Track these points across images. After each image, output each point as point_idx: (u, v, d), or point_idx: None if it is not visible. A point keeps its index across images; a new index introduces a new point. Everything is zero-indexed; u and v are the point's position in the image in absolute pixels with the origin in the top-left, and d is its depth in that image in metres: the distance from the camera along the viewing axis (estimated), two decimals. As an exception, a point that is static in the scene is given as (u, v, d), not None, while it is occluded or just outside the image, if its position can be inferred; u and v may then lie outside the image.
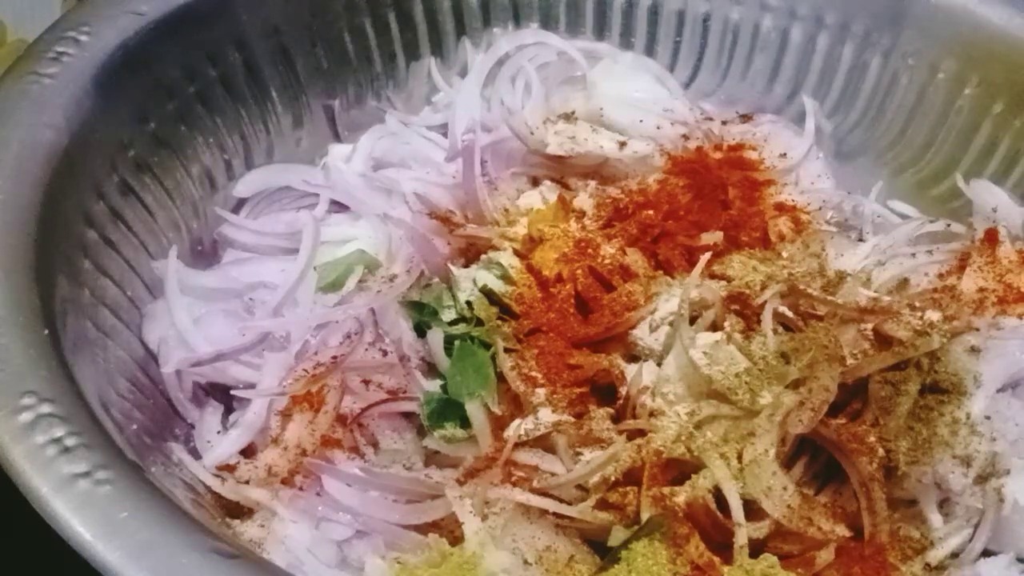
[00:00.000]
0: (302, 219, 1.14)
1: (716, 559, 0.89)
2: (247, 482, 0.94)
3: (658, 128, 1.28)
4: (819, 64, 1.35)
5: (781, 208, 1.23)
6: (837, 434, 0.96)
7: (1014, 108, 1.22)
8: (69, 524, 0.71)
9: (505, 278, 1.08)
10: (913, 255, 1.16)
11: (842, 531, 0.93)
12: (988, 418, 0.98)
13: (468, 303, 1.06)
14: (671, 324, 1.02)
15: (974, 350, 1.02)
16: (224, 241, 1.15)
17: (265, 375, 0.99)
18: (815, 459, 0.98)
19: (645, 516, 0.90)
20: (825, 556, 0.92)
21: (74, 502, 0.71)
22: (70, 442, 0.75)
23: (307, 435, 0.95)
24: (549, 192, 1.19)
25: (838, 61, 1.33)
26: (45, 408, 0.76)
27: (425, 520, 0.91)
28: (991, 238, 1.17)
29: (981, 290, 1.08)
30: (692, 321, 1.03)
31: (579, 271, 1.07)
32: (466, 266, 1.12)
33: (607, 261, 1.09)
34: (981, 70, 1.24)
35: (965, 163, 1.26)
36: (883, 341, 1.03)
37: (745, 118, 1.35)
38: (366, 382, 0.99)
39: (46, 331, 0.82)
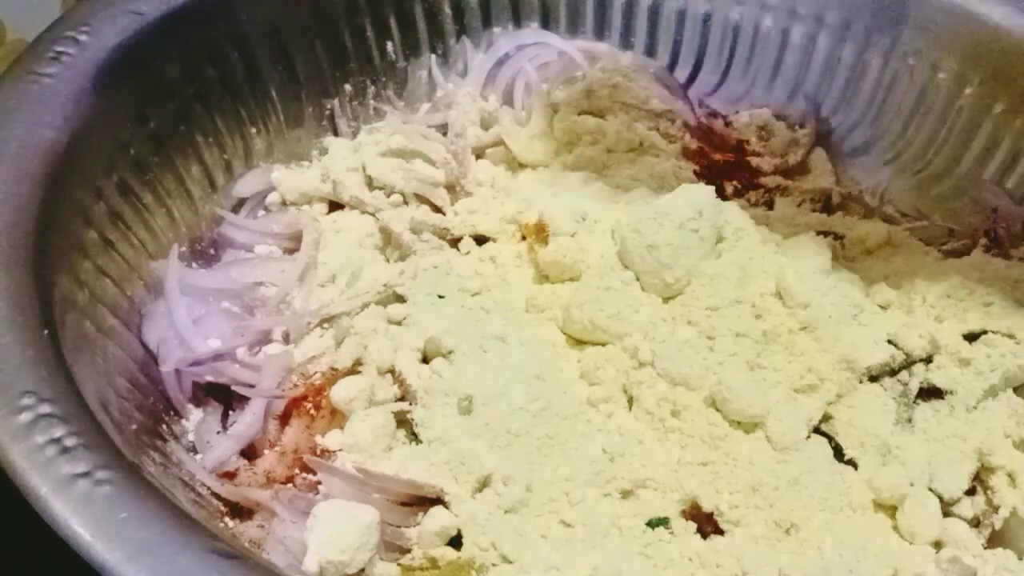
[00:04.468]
0: (302, 219, 1.15)
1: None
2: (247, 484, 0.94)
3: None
4: (820, 64, 1.34)
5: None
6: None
7: (1015, 108, 1.22)
8: (68, 524, 0.71)
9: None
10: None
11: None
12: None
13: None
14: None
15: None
16: (224, 241, 1.15)
17: (264, 376, 0.99)
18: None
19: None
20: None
21: (74, 502, 0.71)
22: (69, 442, 0.75)
23: (305, 439, 0.95)
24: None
25: (838, 61, 1.33)
26: (44, 408, 0.76)
27: (424, 522, 0.91)
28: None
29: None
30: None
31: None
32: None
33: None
34: (982, 70, 1.24)
35: (965, 163, 1.26)
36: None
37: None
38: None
39: (45, 331, 0.82)
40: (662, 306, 1.01)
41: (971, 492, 0.97)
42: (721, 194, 1.19)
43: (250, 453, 0.98)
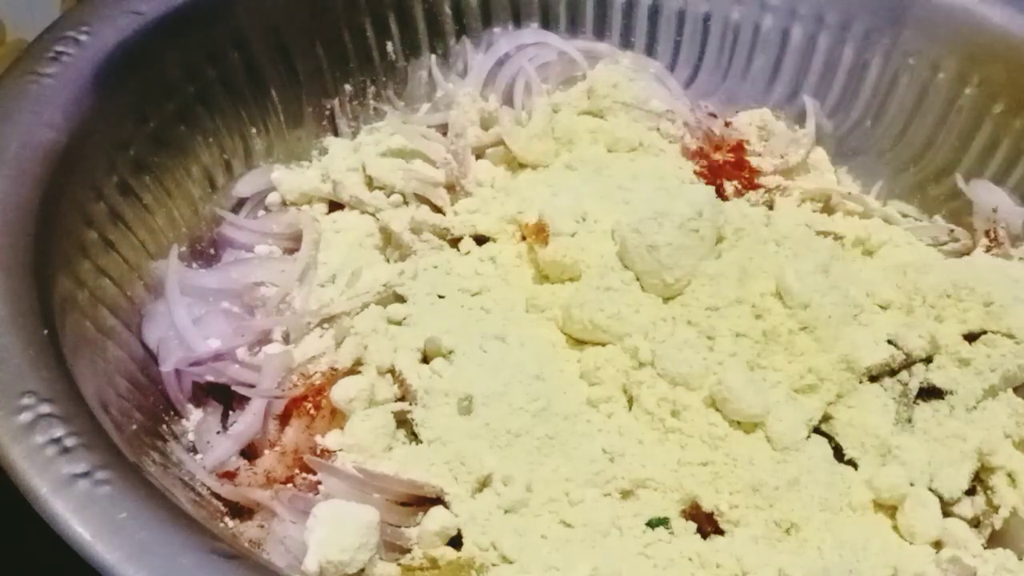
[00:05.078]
0: (302, 218, 1.15)
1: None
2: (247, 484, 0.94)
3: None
4: (820, 64, 1.34)
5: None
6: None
7: (1015, 108, 1.22)
8: (68, 524, 0.71)
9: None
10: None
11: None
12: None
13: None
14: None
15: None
16: (224, 241, 1.15)
17: (264, 376, 0.99)
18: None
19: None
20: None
21: (74, 502, 0.71)
22: (69, 442, 0.75)
23: (305, 439, 0.95)
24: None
25: (839, 61, 1.33)
26: (44, 408, 0.76)
27: (424, 522, 0.91)
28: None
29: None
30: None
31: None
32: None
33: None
34: (982, 70, 1.24)
35: (965, 163, 1.26)
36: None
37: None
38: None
39: (45, 331, 0.82)
40: (662, 306, 1.01)
41: (971, 492, 0.96)
42: (721, 194, 1.20)
43: (250, 453, 0.98)
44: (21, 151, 0.93)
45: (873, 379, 1.00)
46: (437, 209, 1.16)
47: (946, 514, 0.94)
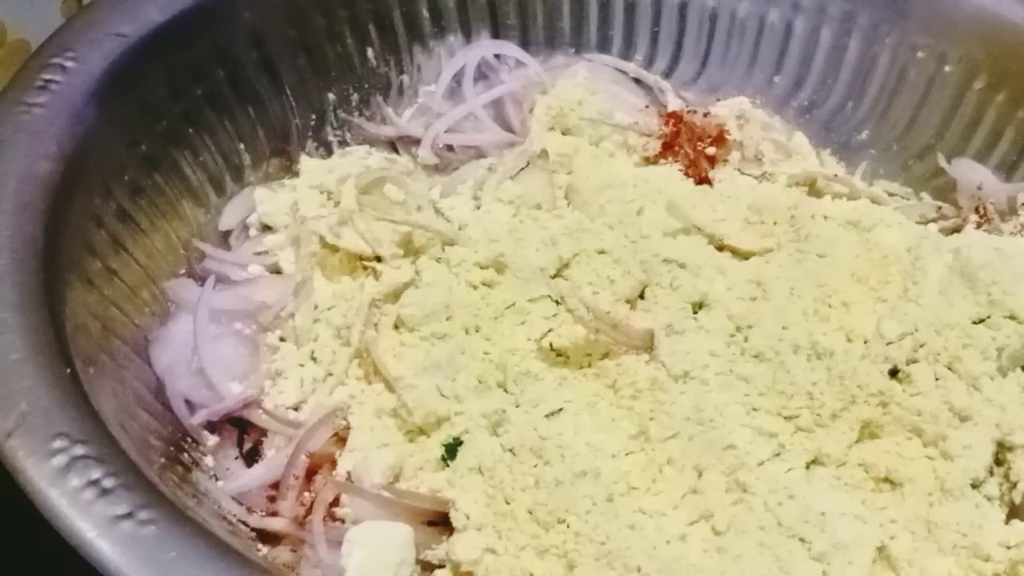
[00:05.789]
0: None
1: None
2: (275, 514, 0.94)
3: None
4: (798, 47, 1.34)
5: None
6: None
7: (996, 85, 1.23)
8: (118, 568, 0.70)
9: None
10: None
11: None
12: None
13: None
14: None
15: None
16: (210, 274, 1.10)
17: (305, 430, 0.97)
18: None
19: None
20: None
21: (120, 545, 0.71)
22: (108, 483, 0.74)
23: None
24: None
25: (816, 44, 1.33)
26: (79, 450, 0.75)
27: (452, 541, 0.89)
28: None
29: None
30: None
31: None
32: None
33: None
34: (961, 47, 1.25)
35: (949, 140, 1.28)
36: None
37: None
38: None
39: (68, 370, 0.81)
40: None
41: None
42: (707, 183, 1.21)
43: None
44: (21, 186, 0.91)
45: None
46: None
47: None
